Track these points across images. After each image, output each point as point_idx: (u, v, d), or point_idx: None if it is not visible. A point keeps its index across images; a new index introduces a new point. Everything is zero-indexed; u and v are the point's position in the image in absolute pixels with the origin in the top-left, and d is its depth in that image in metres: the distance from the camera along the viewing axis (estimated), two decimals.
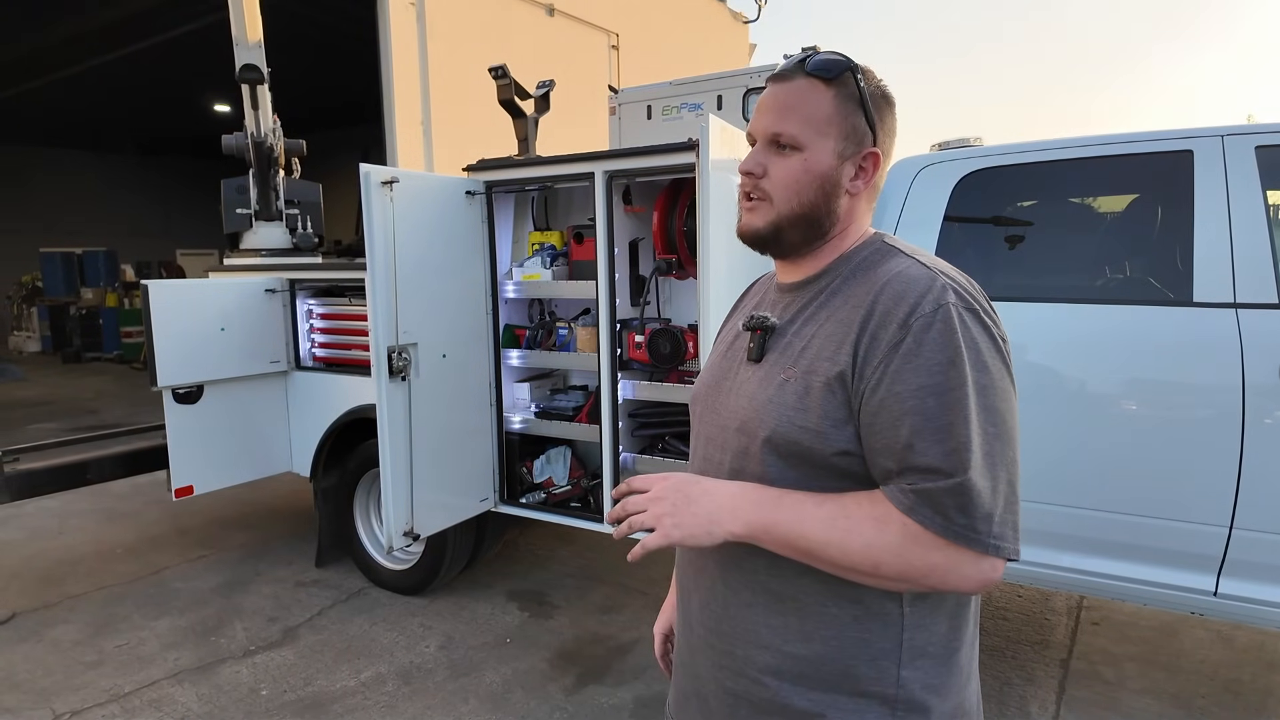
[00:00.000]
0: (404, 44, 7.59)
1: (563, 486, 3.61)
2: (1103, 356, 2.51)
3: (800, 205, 1.00)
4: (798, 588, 0.97)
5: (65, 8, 9.08)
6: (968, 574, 0.87)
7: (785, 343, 1.01)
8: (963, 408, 0.86)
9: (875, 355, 0.90)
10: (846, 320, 0.95)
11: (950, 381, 0.87)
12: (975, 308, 0.91)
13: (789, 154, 0.99)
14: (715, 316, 2.47)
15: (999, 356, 0.91)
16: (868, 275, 0.98)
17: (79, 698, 2.97)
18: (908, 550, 0.87)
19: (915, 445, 0.87)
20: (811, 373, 0.95)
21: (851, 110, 0.99)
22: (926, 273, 0.94)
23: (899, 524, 0.87)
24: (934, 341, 0.88)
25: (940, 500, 0.86)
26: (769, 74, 1.15)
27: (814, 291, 1.02)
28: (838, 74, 0.98)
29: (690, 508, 0.95)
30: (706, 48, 11.86)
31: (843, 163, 0.99)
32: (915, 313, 0.90)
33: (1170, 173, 2.45)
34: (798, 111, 0.99)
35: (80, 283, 14.22)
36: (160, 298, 3.56)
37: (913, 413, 0.87)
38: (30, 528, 4.80)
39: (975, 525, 0.85)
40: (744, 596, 1.01)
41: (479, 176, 3.40)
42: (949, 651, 0.97)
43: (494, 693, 2.98)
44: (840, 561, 0.90)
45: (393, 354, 3.01)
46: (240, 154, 4.37)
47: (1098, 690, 2.95)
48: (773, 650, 0.98)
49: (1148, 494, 2.42)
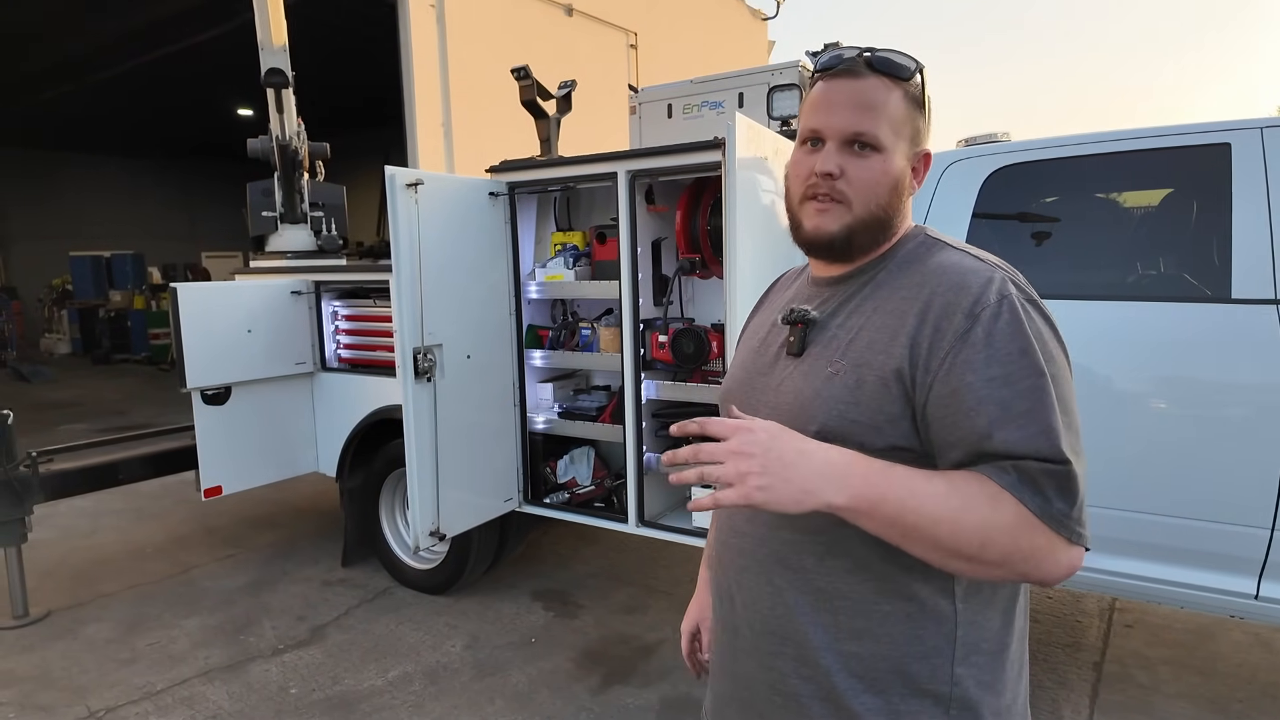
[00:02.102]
0: (424, 45, 7.64)
1: (586, 487, 3.61)
2: (1137, 354, 2.46)
3: (877, 208, 0.97)
4: (848, 585, 0.95)
5: (106, 12, 9.23)
6: (1060, 560, 0.85)
7: (829, 336, 0.99)
8: (1045, 394, 0.85)
9: (941, 347, 0.89)
10: (898, 312, 0.94)
11: (1025, 370, 0.85)
12: (1035, 299, 0.91)
13: (869, 155, 0.96)
14: (742, 315, 2.45)
15: (1062, 348, 0.91)
16: (916, 268, 0.97)
17: (113, 695, 3.01)
18: (1021, 530, 0.83)
19: (995, 434, 0.85)
20: (863, 365, 0.93)
21: (915, 112, 0.98)
22: (982, 265, 0.93)
23: (1013, 502, 0.83)
24: (1004, 331, 0.87)
25: (1041, 481, 0.83)
26: (792, 75, 1.15)
27: (858, 284, 1.01)
28: (910, 75, 0.97)
29: (783, 469, 0.83)
30: (725, 45, 11.82)
31: (908, 164, 0.99)
32: (980, 302, 0.88)
33: (1207, 166, 2.40)
34: (879, 112, 0.95)
35: (109, 285, 14.48)
36: (189, 301, 3.61)
37: (989, 401, 0.85)
38: (63, 527, 4.88)
39: (1070, 512, 0.84)
40: (791, 596, 0.99)
41: (502, 177, 3.41)
42: (1001, 647, 0.96)
43: (520, 692, 2.98)
44: (948, 541, 0.83)
45: (418, 355, 3.03)
46: (265, 157, 4.42)
47: (1131, 694, 2.90)
48: (826, 650, 0.97)
49: (1185, 495, 2.37)
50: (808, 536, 0.97)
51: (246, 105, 13.70)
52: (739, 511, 1.06)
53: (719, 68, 4.49)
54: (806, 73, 3.69)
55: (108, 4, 9.02)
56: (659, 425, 3.32)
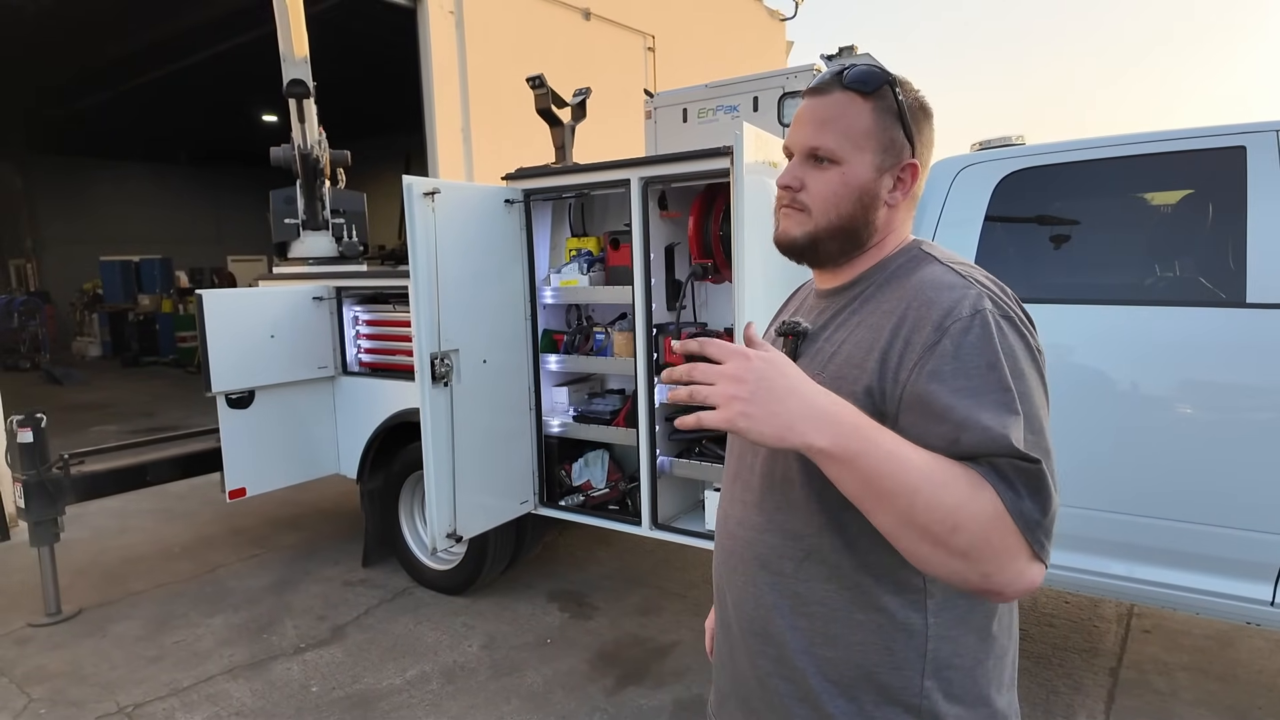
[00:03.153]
0: (444, 51, 7.72)
1: (601, 489, 3.65)
2: (1151, 359, 2.45)
3: (838, 218, 1.00)
4: (824, 592, 0.98)
5: (136, 22, 9.43)
6: (1021, 570, 0.83)
7: (816, 348, 1.02)
8: (1010, 410, 0.84)
9: (909, 358, 0.90)
10: (877, 326, 0.95)
11: (991, 384, 0.85)
12: (1011, 316, 0.90)
13: (827, 167, 1.00)
14: (750, 318, 2.46)
15: (1035, 367, 0.89)
16: (902, 282, 0.98)
17: (141, 691, 3.10)
18: (993, 524, 0.81)
19: (962, 438, 0.84)
20: (840, 379, 0.95)
21: (890, 123, 0.99)
22: (961, 280, 0.93)
23: (993, 495, 0.82)
24: (973, 345, 0.87)
25: (1012, 476, 0.82)
26: (806, 79, 1.18)
27: (848, 298, 1.03)
28: (875, 87, 0.98)
29: (771, 402, 0.82)
30: (743, 46, 11.81)
31: (881, 175, 1.00)
32: (951, 316, 0.89)
33: (1221, 170, 2.38)
34: (836, 125, 0.99)
35: (138, 290, 14.77)
36: (214, 307, 3.70)
37: (956, 409, 0.85)
38: (94, 527, 5.01)
39: (1040, 520, 0.82)
40: (772, 598, 1.02)
41: (517, 185, 3.45)
42: (975, 663, 0.97)
43: (535, 693, 3.03)
44: (921, 515, 0.81)
45: (435, 360, 3.08)
46: (287, 165, 4.51)
47: (1149, 700, 2.88)
48: (802, 653, 1.00)
49: (1201, 500, 2.35)
50: (789, 541, 1.00)
51: (271, 111, 13.93)
52: (732, 514, 1.10)
53: (737, 69, 4.51)
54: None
55: (138, 14, 9.23)
56: (673, 429, 3.35)
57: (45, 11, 9.08)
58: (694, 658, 3.25)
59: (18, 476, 3.61)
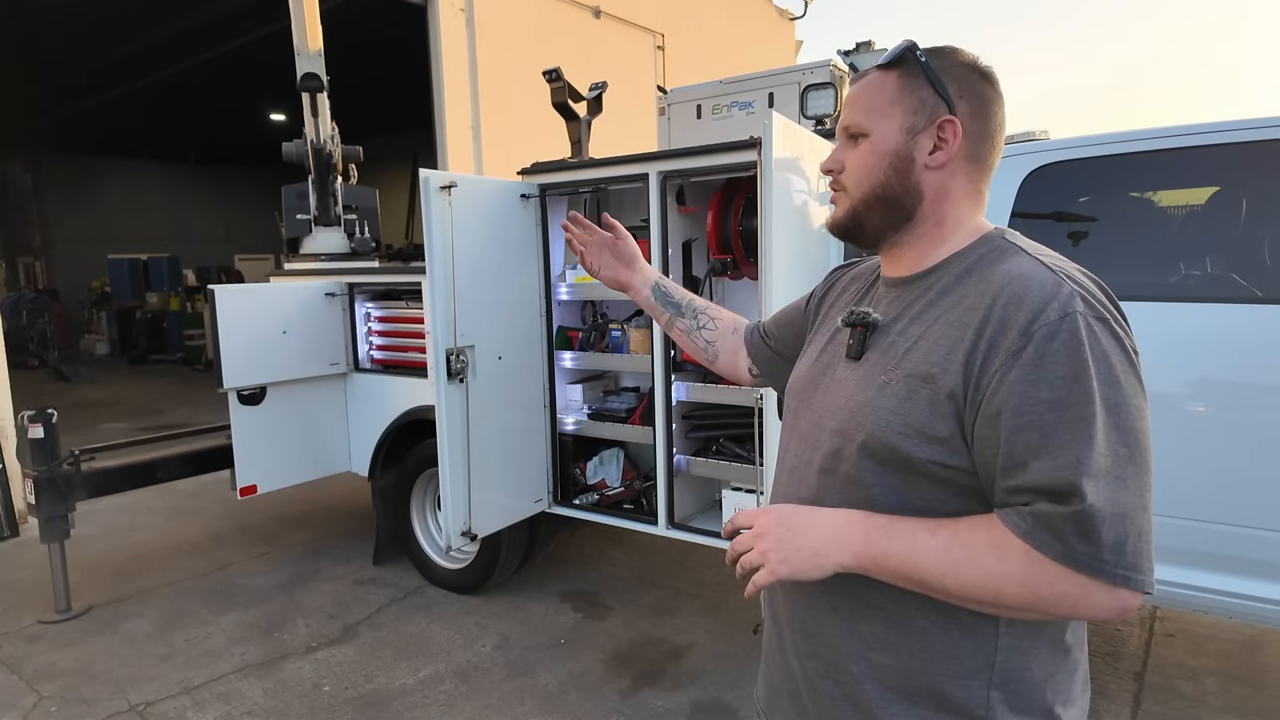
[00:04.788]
0: (454, 49, 7.70)
1: (616, 488, 3.61)
2: (1183, 357, 2.39)
3: (872, 187, 0.99)
4: (886, 596, 0.93)
5: (146, 20, 9.44)
6: (1101, 603, 0.80)
7: (889, 342, 0.97)
8: (1087, 426, 0.80)
9: (992, 364, 0.85)
10: (959, 323, 0.90)
11: (1074, 397, 0.80)
12: (1106, 316, 0.84)
13: (859, 143, 1.00)
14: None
15: (1132, 370, 0.84)
16: (984, 274, 0.92)
17: (152, 689, 3.07)
18: (1033, 579, 0.81)
19: (1031, 464, 0.81)
20: (915, 376, 0.91)
21: (917, 85, 0.97)
22: (1051, 276, 0.87)
23: (1020, 551, 0.81)
24: (1058, 353, 0.81)
25: (1058, 525, 0.79)
26: (823, 74, 1.22)
27: (922, 288, 0.98)
28: (897, 58, 0.98)
29: (795, 541, 0.91)
30: (752, 45, 11.78)
31: (914, 136, 0.96)
32: (1039, 320, 0.83)
33: (1258, 163, 2.33)
34: (863, 100, 1.00)
35: (145, 288, 14.80)
36: (226, 303, 3.67)
37: (1030, 428, 0.81)
38: (104, 524, 4.99)
39: (1101, 554, 0.79)
40: (830, 600, 0.98)
41: (533, 179, 3.42)
42: (1045, 677, 0.92)
43: (550, 693, 2.99)
44: (957, 593, 0.85)
45: (451, 356, 3.05)
46: (300, 161, 4.48)
47: (1176, 705, 2.83)
48: (859, 657, 0.96)
49: (1234, 502, 2.30)
50: None
51: (278, 110, 13.94)
52: (788, 501, 1.07)
53: (746, 68, 4.46)
54: (839, 71, 3.65)
55: (147, 12, 9.23)
56: (689, 427, 3.31)
57: (55, 10, 9.09)
58: (710, 660, 3.21)
59: (28, 472, 3.58)
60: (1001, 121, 0.99)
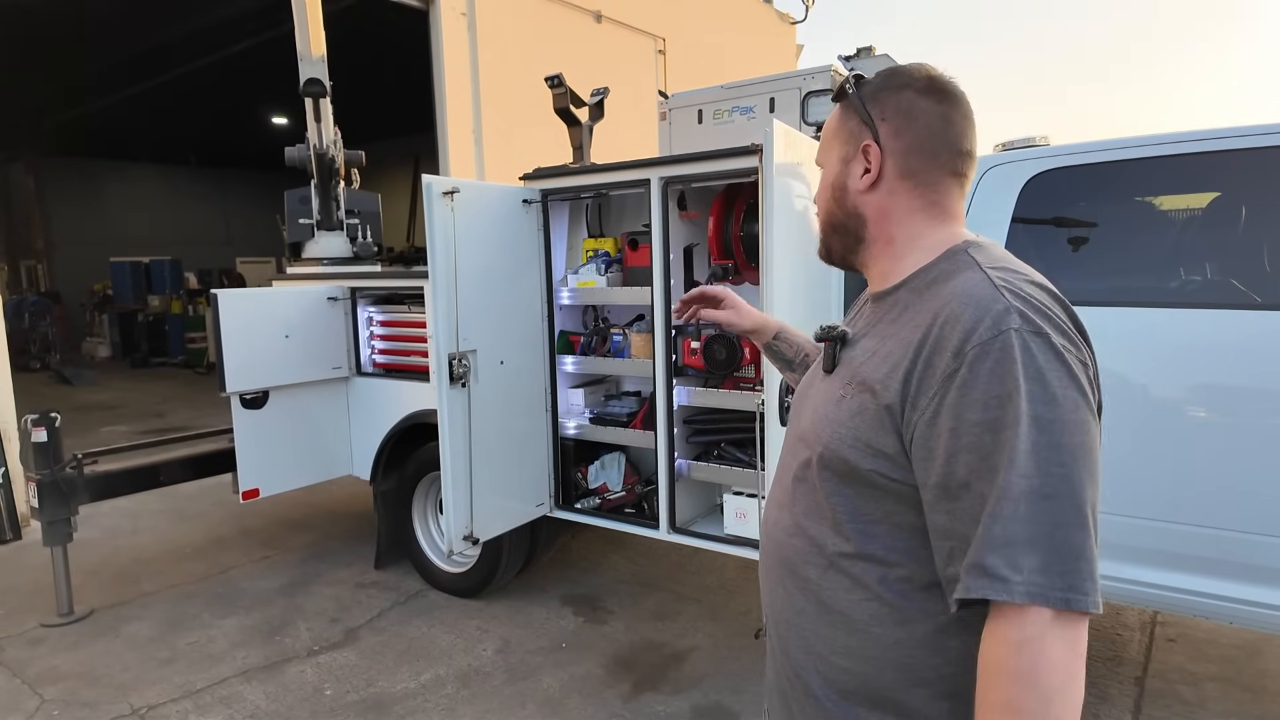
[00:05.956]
0: (455, 54, 7.72)
1: (617, 492, 3.61)
2: (1182, 362, 2.40)
3: (825, 217, 1.08)
4: (847, 604, 0.95)
5: (147, 22, 9.46)
6: (1060, 634, 0.77)
7: (850, 355, 1.01)
8: (1009, 449, 0.79)
9: (930, 385, 0.85)
10: (905, 341, 0.91)
11: (1007, 418, 0.79)
12: (1045, 331, 0.82)
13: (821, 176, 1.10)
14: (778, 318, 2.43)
15: (1073, 384, 0.81)
16: (937, 291, 0.92)
17: (154, 693, 3.07)
18: (1014, 652, 0.79)
19: (972, 485, 0.81)
20: (865, 390, 0.93)
21: (849, 115, 1.03)
22: (991, 293, 0.85)
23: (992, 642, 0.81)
24: (989, 373, 0.81)
25: (985, 565, 0.78)
26: (824, 79, 1.29)
27: (890, 304, 0.99)
28: (839, 91, 1.04)
29: None
30: (753, 50, 11.79)
31: (847, 165, 1.03)
32: (970, 340, 0.83)
33: (1258, 169, 2.34)
34: (823, 137, 1.09)
35: (147, 291, 14.82)
36: (229, 306, 3.68)
37: (969, 450, 0.81)
38: (106, 527, 5.00)
39: (1033, 578, 0.77)
40: (798, 602, 1.01)
41: (535, 185, 3.43)
42: None
43: (551, 698, 2.99)
44: (1072, 707, 0.80)
45: (453, 361, 3.06)
46: (302, 165, 4.50)
47: (1177, 710, 2.83)
48: (821, 659, 0.99)
49: (1233, 507, 2.31)
50: (813, 548, 0.99)
51: (280, 114, 13.97)
52: (769, 513, 1.11)
53: (747, 72, 4.47)
54: (839, 77, 3.67)
55: (150, 15, 9.25)
56: (691, 431, 3.32)
57: (57, 12, 9.11)
58: (712, 664, 3.21)
59: (31, 476, 3.59)
60: (942, 131, 0.97)
